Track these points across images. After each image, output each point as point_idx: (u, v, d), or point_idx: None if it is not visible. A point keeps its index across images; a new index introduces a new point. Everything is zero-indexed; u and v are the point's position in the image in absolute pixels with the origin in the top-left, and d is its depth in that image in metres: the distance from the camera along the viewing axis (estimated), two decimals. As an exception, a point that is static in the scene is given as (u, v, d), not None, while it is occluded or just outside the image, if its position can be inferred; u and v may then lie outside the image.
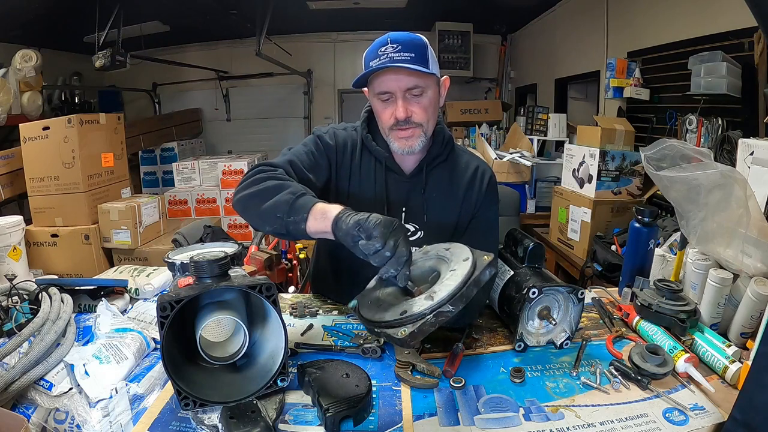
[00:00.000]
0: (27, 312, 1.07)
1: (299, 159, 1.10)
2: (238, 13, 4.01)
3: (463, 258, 0.79)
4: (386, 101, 1.05)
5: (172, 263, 1.11)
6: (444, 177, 1.19)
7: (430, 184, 1.18)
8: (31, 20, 3.47)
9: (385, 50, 1.00)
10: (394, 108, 1.04)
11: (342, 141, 1.17)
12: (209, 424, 0.77)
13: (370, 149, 1.16)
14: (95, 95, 5.03)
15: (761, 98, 1.95)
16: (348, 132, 1.21)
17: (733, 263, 1.04)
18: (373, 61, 1.01)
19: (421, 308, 0.72)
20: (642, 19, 2.84)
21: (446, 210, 1.18)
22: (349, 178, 1.17)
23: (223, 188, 3.67)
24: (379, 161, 1.16)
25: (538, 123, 3.63)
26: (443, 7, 4.52)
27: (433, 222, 1.17)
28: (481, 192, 1.19)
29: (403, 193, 1.17)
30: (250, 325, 0.82)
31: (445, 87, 1.13)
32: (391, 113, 1.05)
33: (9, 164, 2.57)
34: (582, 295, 0.99)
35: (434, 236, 1.09)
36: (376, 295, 0.81)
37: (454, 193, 1.19)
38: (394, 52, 0.99)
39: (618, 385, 0.87)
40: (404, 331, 0.71)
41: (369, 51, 1.04)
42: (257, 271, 1.49)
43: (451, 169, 1.19)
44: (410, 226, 1.17)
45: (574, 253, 2.55)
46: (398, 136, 1.07)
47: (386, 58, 0.99)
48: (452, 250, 0.83)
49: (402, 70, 1.00)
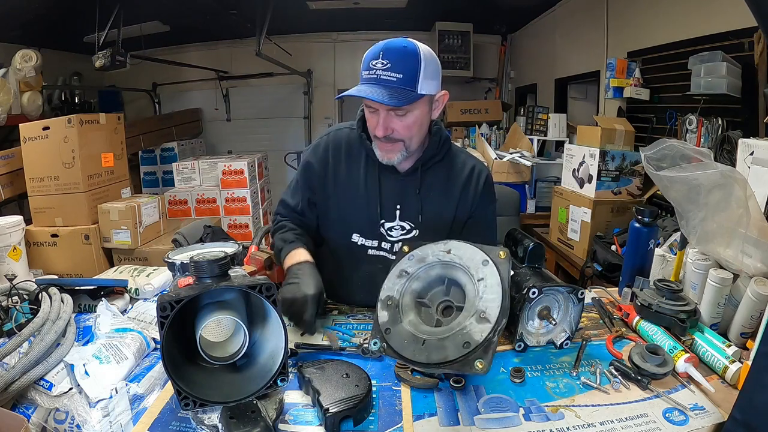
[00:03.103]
0: (27, 312, 1.07)
1: (293, 200, 1.26)
2: (238, 13, 4.01)
3: (481, 261, 0.75)
4: (372, 112, 1.09)
5: (172, 263, 1.12)
6: (440, 176, 1.20)
7: (426, 184, 1.19)
8: (31, 20, 3.47)
9: (375, 64, 1.01)
10: (374, 122, 1.08)
11: (323, 151, 1.22)
12: (209, 424, 0.77)
13: (365, 148, 1.19)
14: (95, 95, 5.02)
15: (761, 98, 1.95)
16: (341, 132, 1.24)
17: (733, 263, 1.04)
18: (364, 72, 1.04)
19: (484, 334, 0.69)
20: (642, 19, 2.84)
21: (442, 209, 1.20)
22: (340, 182, 1.21)
23: (223, 188, 3.67)
24: (373, 159, 1.18)
25: (538, 123, 3.63)
26: (443, 7, 4.51)
27: (428, 221, 1.19)
28: (477, 191, 1.21)
29: (398, 191, 1.19)
30: (250, 325, 0.82)
31: (443, 102, 1.14)
32: (375, 123, 1.08)
33: (9, 164, 2.57)
34: (582, 295, 0.99)
35: (430, 235, 1.12)
36: (405, 330, 0.75)
37: (450, 192, 1.20)
38: (382, 69, 1.00)
39: (618, 385, 0.87)
40: (481, 362, 0.69)
41: (366, 57, 1.05)
42: (257, 271, 1.48)
43: (448, 169, 1.21)
44: (405, 224, 1.20)
45: (574, 253, 2.55)
46: (380, 146, 1.12)
47: (373, 75, 1.01)
48: (457, 253, 0.79)
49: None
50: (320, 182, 1.22)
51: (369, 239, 1.22)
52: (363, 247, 1.22)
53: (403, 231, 1.20)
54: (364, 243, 1.22)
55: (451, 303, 0.77)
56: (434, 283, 0.80)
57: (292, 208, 1.28)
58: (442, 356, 0.71)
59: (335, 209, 1.22)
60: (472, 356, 0.70)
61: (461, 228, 1.22)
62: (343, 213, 1.22)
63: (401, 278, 0.80)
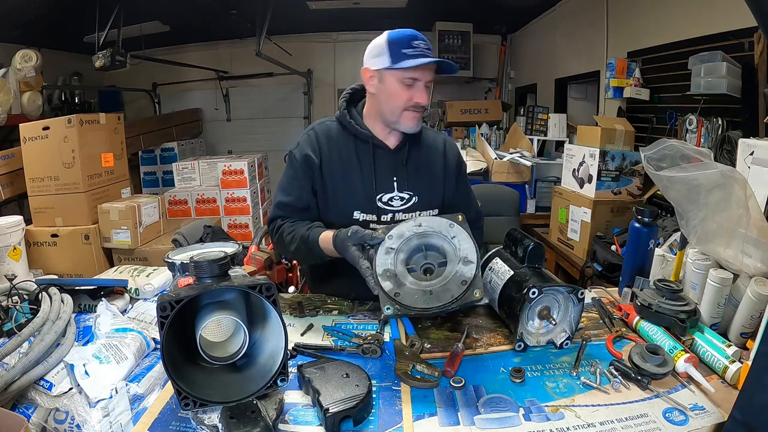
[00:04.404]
0: (27, 312, 1.07)
1: (291, 196, 1.29)
2: (238, 13, 4.01)
3: (448, 225, 0.96)
4: (408, 85, 1.20)
5: (172, 263, 1.12)
6: (422, 151, 1.34)
7: (413, 157, 1.32)
8: (31, 20, 3.47)
9: (418, 44, 1.17)
10: (413, 93, 1.20)
11: (315, 140, 1.29)
12: (209, 424, 0.77)
13: (355, 133, 1.29)
14: (95, 95, 5.02)
15: (761, 98, 1.95)
16: (324, 124, 1.33)
17: (733, 263, 1.04)
18: (406, 50, 1.16)
19: (472, 271, 0.93)
20: (642, 19, 2.84)
21: (432, 177, 1.34)
22: (334, 167, 1.28)
23: (223, 188, 3.66)
24: (364, 141, 1.29)
25: (538, 123, 3.63)
26: (443, 7, 4.51)
27: (423, 189, 1.32)
28: (454, 160, 1.39)
29: (392, 165, 1.30)
30: (250, 325, 0.82)
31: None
32: (409, 96, 1.21)
33: (9, 164, 2.57)
34: (582, 295, 0.99)
35: (426, 200, 1.31)
36: (412, 289, 0.92)
37: (433, 164, 1.35)
38: (425, 48, 1.18)
39: (618, 385, 0.87)
40: (478, 291, 0.93)
41: (398, 38, 1.18)
42: (257, 271, 1.48)
43: (424, 145, 1.35)
44: (404, 194, 1.30)
45: (574, 253, 2.55)
46: (411, 116, 1.24)
47: (420, 51, 1.17)
48: (427, 224, 0.97)
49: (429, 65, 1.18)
50: (318, 170, 1.28)
51: (369, 213, 1.29)
52: (365, 222, 1.28)
53: (403, 201, 1.30)
54: (365, 218, 1.28)
55: (431, 264, 0.95)
56: (415, 251, 0.97)
57: (291, 204, 1.30)
58: (449, 296, 0.91)
59: (333, 191, 1.29)
60: (469, 289, 0.91)
61: (452, 194, 1.37)
62: (343, 193, 1.29)
63: (389, 254, 0.95)
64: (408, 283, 0.93)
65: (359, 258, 1.00)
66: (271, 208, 1.35)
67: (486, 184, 3.05)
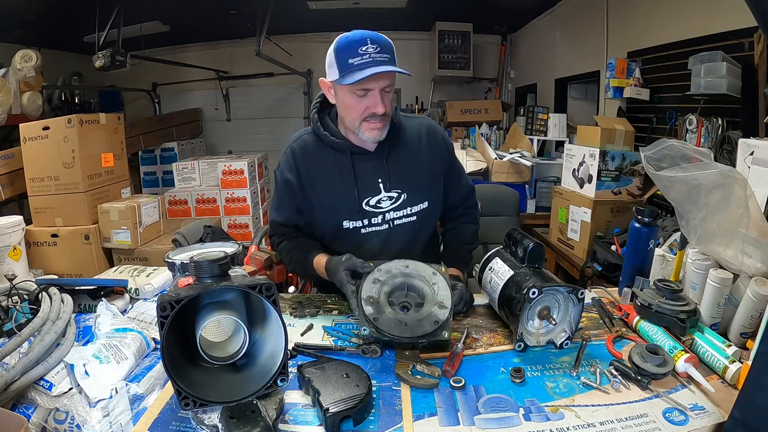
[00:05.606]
0: (27, 312, 1.07)
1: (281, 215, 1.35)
2: (238, 13, 4.01)
3: (432, 272, 1.06)
4: (362, 96, 1.15)
5: (172, 263, 1.12)
6: (403, 146, 1.31)
7: (394, 154, 1.29)
8: (31, 20, 3.47)
9: (366, 50, 1.09)
10: (368, 102, 1.15)
11: (291, 160, 1.29)
12: (209, 424, 0.77)
13: (331, 144, 1.27)
14: (95, 95, 5.02)
15: (761, 98, 1.94)
16: (301, 138, 1.32)
17: (733, 263, 1.04)
18: (353, 59, 1.10)
19: (445, 315, 0.98)
20: (642, 19, 2.84)
21: (418, 170, 1.31)
22: (316, 182, 1.28)
23: (223, 188, 3.67)
24: (342, 151, 1.27)
25: (538, 123, 3.63)
26: (443, 7, 4.51)
27: (411, 184, 1.30)
28: (442, 145, 1.35)
29: (374, 168, 1.28)
30: (250, 325, 0.82)
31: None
32: (365, 107, 1.16)
33: (9, 164, 2.56)
34: (582, 295, 0.99)
35: (416, 195, 1.30)
36: (390, 317, 0.99)
37: (417, 154, 1.31)
38: (375, 53, 1.10)
39: (618, 385, 0.87)
40: (446, 332, 0.97)
41: (346, 47, 1.11)
42: (257, 271, 1.49)
43: (405, 138, 1.31)
44: (392, 193, 1.29)
45: (574, 253, 2.55)
46: (371, 127, 1.19)
47: (369, 59, 1.09)
48: (413, 267, 1.08)
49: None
50: (299, 191, 1.29)
51: (357, 220, 1.29)
52: (356, 229, 1.29)
53: (392, 200, 1.29)
54: (355, 225, 1.29)
55: (408, 303, 1.03)
56: (398, 288, 1.06)
57: (283, 224, 1.37)
58: (421, 331, 0.96)
59: (320, 206, 1.30)
60: (440, 329, 0.97)
61: (440, 180, 1.35)
62: (328, 206, 1.29)
63: (375, 284, 1.05)
64: (387, 313, 1.00)
65: (346, 282, 1.10)
66: (269, 222, 1.41)
67: (486, 184, 3.05)
